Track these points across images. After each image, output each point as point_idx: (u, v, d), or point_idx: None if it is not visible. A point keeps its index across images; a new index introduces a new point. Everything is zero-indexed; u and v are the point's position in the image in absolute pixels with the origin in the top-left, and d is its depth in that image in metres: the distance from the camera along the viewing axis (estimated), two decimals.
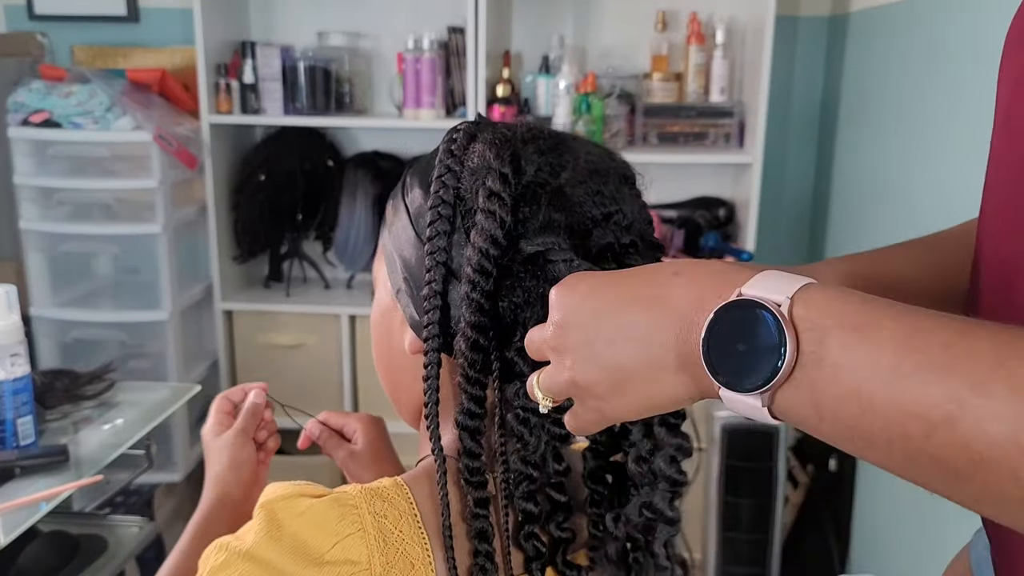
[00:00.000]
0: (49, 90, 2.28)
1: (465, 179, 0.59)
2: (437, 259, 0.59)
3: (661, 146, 2.40)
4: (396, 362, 0.65)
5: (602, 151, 0.62)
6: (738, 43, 2.45)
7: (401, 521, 0.56)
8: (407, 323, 0.63)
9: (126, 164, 2.30)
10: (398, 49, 2.45)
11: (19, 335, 1.31)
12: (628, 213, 0.60)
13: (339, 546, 0.53)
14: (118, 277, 2.49)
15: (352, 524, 0.54)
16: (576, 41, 2.54)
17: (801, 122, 2.57)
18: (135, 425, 1.53)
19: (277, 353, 2.51)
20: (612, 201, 0.59)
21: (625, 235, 0.59)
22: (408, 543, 0.55)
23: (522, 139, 0.59)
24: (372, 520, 0.55)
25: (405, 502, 0.57)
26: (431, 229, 0.59)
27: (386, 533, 0.55)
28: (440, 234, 0.59)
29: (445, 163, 0.60)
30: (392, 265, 0.64)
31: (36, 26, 2.65)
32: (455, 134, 0.62)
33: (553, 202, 0.57)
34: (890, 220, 1.93)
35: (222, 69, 2.41)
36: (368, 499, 0.56)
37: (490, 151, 0.58)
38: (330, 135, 2.63)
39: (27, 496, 1.25)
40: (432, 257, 0.59)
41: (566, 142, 0.61)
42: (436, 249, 0.59)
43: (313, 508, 0.54)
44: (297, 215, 2.56)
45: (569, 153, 0.60)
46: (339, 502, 0.55)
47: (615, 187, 0.60)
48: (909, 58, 1.85)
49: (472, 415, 0.58)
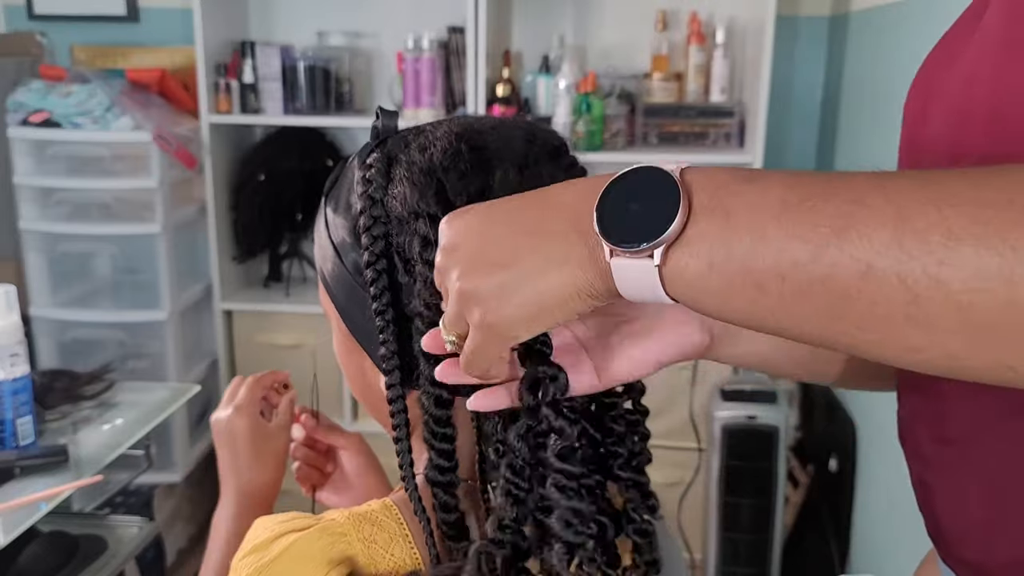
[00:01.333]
0: (49, 90, 2.28)
1: (394, 227, 0.57)
2: (387, 318, 0.57)
3: (661, 146, 2.39)
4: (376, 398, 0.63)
5: (524, 133, 0.60)
6: (738, 43, 2.45)
7: (392, 544, 0.55)
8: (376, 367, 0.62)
9: (125, 164, 2.30)
10: (398, 49, 2.45)
11: (18, 335, 1.31)
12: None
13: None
14: (117, 277, 2.49)
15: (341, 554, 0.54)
16: (576, 41, 2.54)
17: (801, 122, 2.57)
18: (134, 425, 1.53)
19: (277, 353, 2.51)
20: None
21: None
22: (400, 566, 0.55)
23: (443, 167, 0.56)
24: (361, 547, 0.54)
25: (395, 523, 0.57)
26: (374, 288, 0.57)
27: (376, 560, 0.54)
28: (384, 291, 0.57)
29: (370, 213, 0.58)
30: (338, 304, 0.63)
31: (36, 26, 2.65)
32: (368, 172, 0.59)
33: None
34: None
35: (222, 69, 2.41)
36: (356, 525, 0.55)
37: (413, 193, 0.56)
38: (330, 135, 2.63)
39: (27, 496, 1.25)
40: (382, 316, 0.57)
41: (488, 147, 0.58)
42: (384, 308, 0.57)
43: (299, 541, 0.53)
44: (297, 215, 2.56)
45: (492, 157, 0.57)
46: (326, 531, 0.54)
47: (549, 176, 0.58)
48: (909, 58, 1.85)
49: (443, 470, 0.56)
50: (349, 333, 0.64)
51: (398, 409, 0.58)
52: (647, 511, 0.59)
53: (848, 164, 2.27)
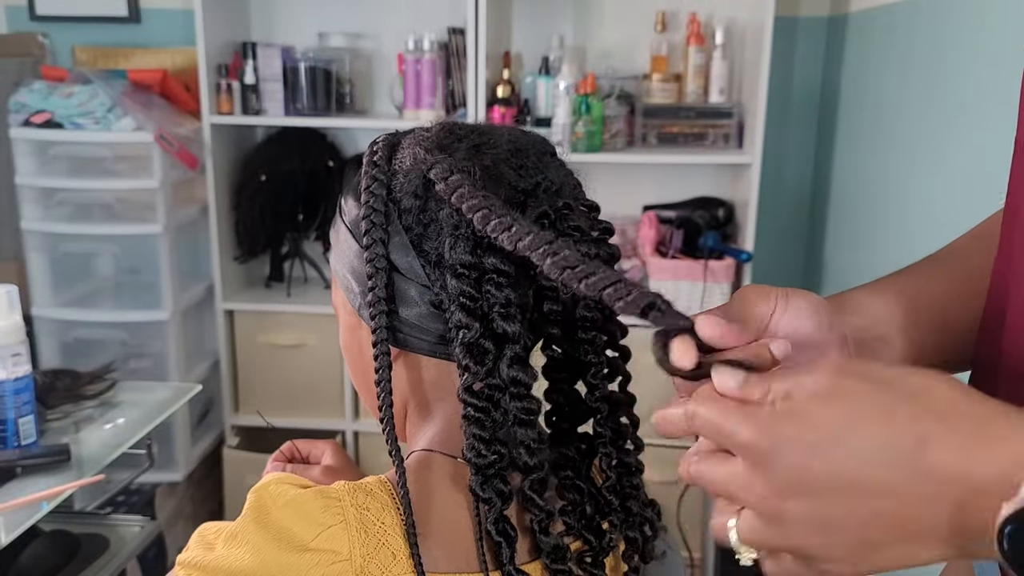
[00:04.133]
0: (50, 91, 2.29)
1: (398, 180, 0.61)
2: (377, 265, 0.60)
3: (660, 146, 2.40)
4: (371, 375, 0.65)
5: (516, 130, 0.65)
6: (737, 43, 2.46)
7: (383, 513, 0.57)
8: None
9: (127, 164, 2.31)
10: (398, 50, 2.45)
11: (20, 335, 1.31)
12: (555, 179, 0.62)
13: (322, 536, 0.55)
14: (119, 277, 2.50)
15: (335, 515, 0.56)
16: (576, 42, 2.55)
17: (800, 122, 2.58)
18: (136, 424, 1.53)
19: (278, 353, 2.51)
20: (537, 171, 0.61)
21: (556, 199, 0.61)
22: (390, 535, 0.57)
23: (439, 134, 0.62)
24: (354, 512, 0.56)
25: (387, 495, 0.58)
26: (367, 237, 0.60)
27: (367, 525, 0.56)
28: (377, 241, 0.60)
29: (371, 174, 0.62)
30: (347, 286, 0.66)
31: (37, 27, 2.65)
32: (375, 147, 0.64)
33: (484, 181, 0.58)
34: (889, 220, 1.93)
35: (223, 70, 2.42)
36: (351, 492, 0.57)
37: (419, 148, 0.61)
38: (331, 135, 2.63)
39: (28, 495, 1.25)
40: (372, 264, 0.60)
41: (480, 129, 0.63)
42: (375, 256, 0.60)
43: (299, 498, 0.56)
44: (298, 215, 2.57)
45: (486, 136, 0.62)
46: (323, 494, 0.57)
47: (536, 159, 0.62)
48: (908, 58, 1.85)
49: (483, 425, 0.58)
50: (352, 309, 0.66)
51: (382, 351, 0.60)
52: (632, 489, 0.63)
53: (846, 164, 2.28)
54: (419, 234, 0.60)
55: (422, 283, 0.60)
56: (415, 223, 0.60)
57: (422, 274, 0.60)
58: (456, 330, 0.58)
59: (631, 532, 0.64)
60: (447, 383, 0.63)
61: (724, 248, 2.35)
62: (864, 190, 2.14)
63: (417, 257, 0.60)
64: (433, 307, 0.60)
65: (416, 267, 0.60)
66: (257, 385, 2.55)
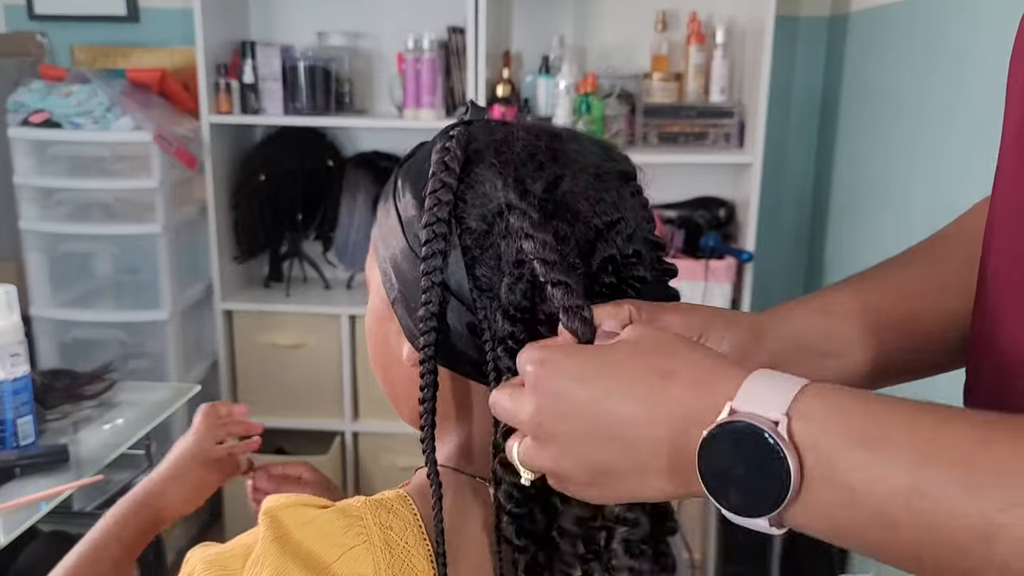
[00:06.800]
0: (49, 90, 2.28)
1: (470, 196, 0.57)
2: (433, 279, 0.57)
3: (661, 146, 2.40)
4: (394, 368, 0.64)
5: (600, 149, 0.61)
6: (738, 43, 2.45)
7: (406, 532, 0.56)
8: (404, 334, 0.62)
9: (126, 164, 2.30)
10: (398, 49, 2.45)
11: (19, 335, 1.31)
12: (631, 220, 0.58)
13: (345, 557, 0.53)
14: (118, 277, 2.49)
15: (358, 536, 0.54)
16: (576, 41, 2.54)
17: (801, 122, 2.57)
18: (135, 425, 1.53)
19: (277, 353, 2.51)
20: (614, 209, 0.57)
21: (628, 245, 0.57)
22: (413, 554, 0.55)
23: (520, 160, 0.57)
24: (378, 532, 0.54)
25: (409, 513, 0.57)
26: (427, 248, 0.57)
27: (392, 544, 0.54)
28: (436, 253, 0.57)
29: (440, 178, 0.58)
30: (385, 273, 0.63)
31: (36, 26, 2.65)
32: (449, 145, 0.59)
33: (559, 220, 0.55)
34: (890, 219, 1.93)
35: (222, 69, 2.41)
36: (373, 510, 0.55)
37: (498, 176, 0.56)
38: (330, 135, 2.63)
39: (27, 496, 1.25)
40: (428, 277, 0.57)
41: (564, 147, 0.59)
42: (432, 269, 0.57)
43: (319, 518, 0.54)
44: (297, 215, 2.56)
45: (568, 160, 0.58)
46: (345, 513, 0.55)
47: (616, 192, 0.58)
48: (909, 58, 1.85)
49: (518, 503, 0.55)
50: (385, 297, 0.63)
51: (428, 370, 0.57)
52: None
53: (848, 164, 2.28)
54: (475, 257, 0.57)
55: (467, 306, 0.57)
56: (474, 245, 0.57)
57: (469, 297, 0.57)
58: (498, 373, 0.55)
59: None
60: (469, 402, 0.61)
61: (725, 248, 2.35)
62: (865, 189, 2.14)
63: (468, 279, 0.57)
64: (469, 331, 0.58)
65: (465, 289, 0.57)
66: (256, 385, 2.54)
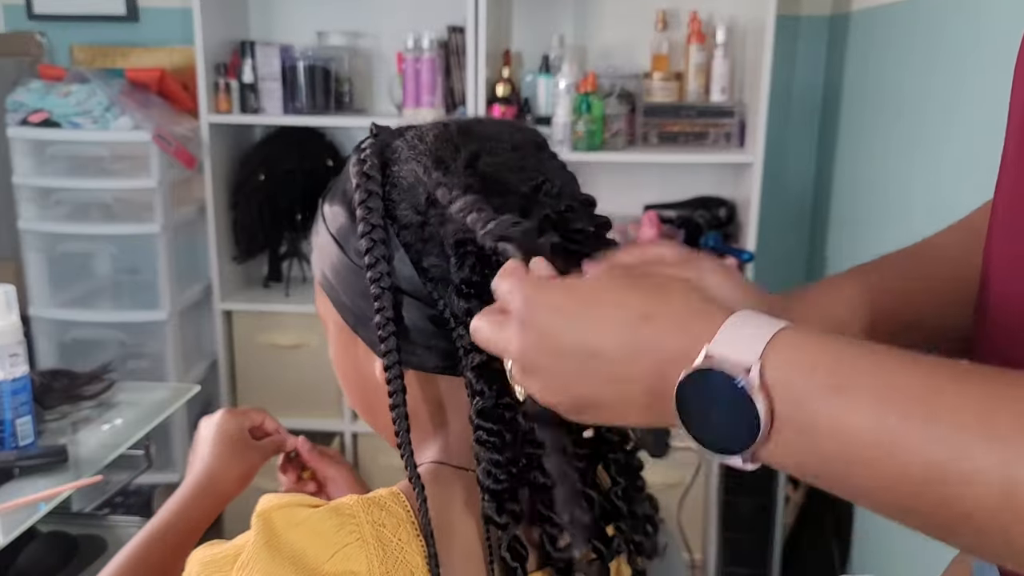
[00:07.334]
0: (48, 90, 2.28)
1: (397, 195, 0.59)
2: (383, 285, 0.57)
3: (661, 146, 2.39)
4: (372, 396, 0.63)
5: (509, 126, 0.63)
6: (739, 42, 2.45)
7: (399, 528, 0.55)
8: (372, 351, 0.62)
9: (125, 164, 2.30)
10: (398, 48, 2.44)
11: (18, 335, 1.30)
12: (556, 181, 0.60)
13: (338, 555, 0.52)
14: (117, 277, 2.49)
15: (351, 533, 0.53)
16: (576, 40, 2.54)
17: (802, 122, 2.57)
18: (134, 425, 1.52)
19: (276, 353, 2.51)
20: (537, 173, 0.60)
21: (559, 202, 0.59)
22: (407, 551, 0.55)
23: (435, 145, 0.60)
24: (371, 529, 0.54)
25: (402, 510, 0.57)
26: (369, 256, 0.58)
27: (384, 542, 0.54)
28: (380, 259, 0.58)
29: (364, 187, 0.59)
30: (336, 300, 0.64)
31: (35, 26, 2.65)
32: (363, 155, 0.61)
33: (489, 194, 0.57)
34: (890, 219, 1.93)
35: (221, 68, 2.41)
36: (366, 508, 0.55)
37: (417, 165, 0.59)
38: (329, 135, 2.63)
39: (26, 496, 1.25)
40: (377, 284, 0.57)
41: (474, 128, 0.61)
42: (379, 275, 0.57)
43: (311, 517, 0.54)
44: (296, 215, 2.56)
45: (481, 137, 0.60)
46: (337, 511, 0.54)
47: (535, 158, 0.61)
48: (910, 57, 1.85)
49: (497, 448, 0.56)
50: (344, 325, 0.64)
51: (394, 376, 0.58)
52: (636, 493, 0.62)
53: (848, 163, 2.27)
54: (419, 251, 0.58)
55: (424, 301, 0.58)
56: (414, 239, 0.58)
57: (424, 292, 0.58)
58: (465, 353, 0.56)
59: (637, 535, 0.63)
60: (452, 398, 0.62)
61: (725, 248, 2.34)
62: (866, 189, 2.13)
63: (418, 274, 0.58)
64: (433, 324, 0.59)
65: (418, 284, 0.58)
66: (255, 385, 2.54)
